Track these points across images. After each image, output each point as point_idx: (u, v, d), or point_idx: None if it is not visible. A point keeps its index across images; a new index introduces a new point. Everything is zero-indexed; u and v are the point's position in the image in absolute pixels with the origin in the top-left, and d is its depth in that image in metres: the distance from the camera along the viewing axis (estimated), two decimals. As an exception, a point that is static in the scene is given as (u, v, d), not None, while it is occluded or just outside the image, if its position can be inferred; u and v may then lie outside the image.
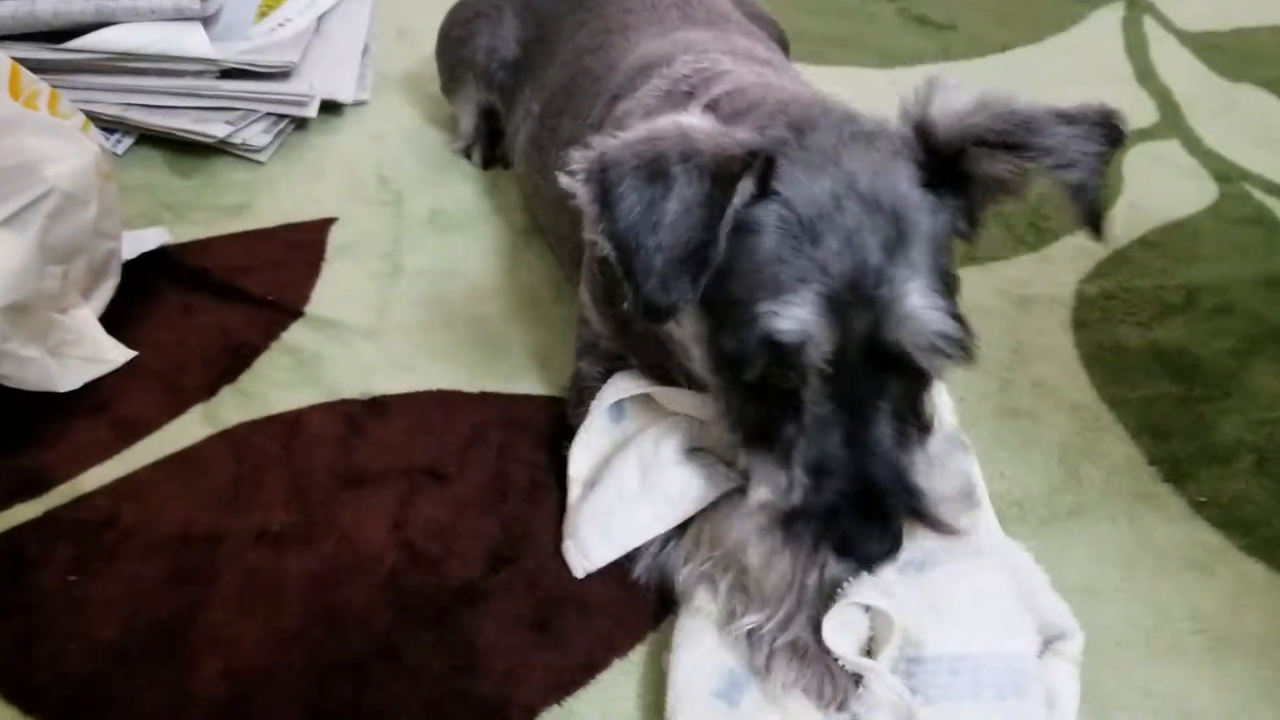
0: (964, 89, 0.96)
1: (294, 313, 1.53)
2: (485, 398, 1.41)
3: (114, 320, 1.47)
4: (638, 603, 1.14)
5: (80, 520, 1.22)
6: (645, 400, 1.19)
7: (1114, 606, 1.15)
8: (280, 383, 1.41)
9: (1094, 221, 0.93)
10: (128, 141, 1.88)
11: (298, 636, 1.11)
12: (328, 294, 1.58)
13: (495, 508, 1.25)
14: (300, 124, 1.95)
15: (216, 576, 1.16)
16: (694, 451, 1.12)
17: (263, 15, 2.02)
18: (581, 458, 1.19)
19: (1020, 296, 1.59)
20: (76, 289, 1.41)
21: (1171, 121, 2.08)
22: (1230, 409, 1.40)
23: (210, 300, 1.55)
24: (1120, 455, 1.33)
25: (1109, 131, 0.92)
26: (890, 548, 0.92)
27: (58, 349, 1.37)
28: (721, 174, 0.87)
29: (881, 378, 0.93)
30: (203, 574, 1.17)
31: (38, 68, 1.79)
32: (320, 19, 2.06)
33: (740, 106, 1.07)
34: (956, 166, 0.95)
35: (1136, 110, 2.09)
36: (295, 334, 1.50)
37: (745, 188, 0.90)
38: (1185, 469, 1.32)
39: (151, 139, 1.89)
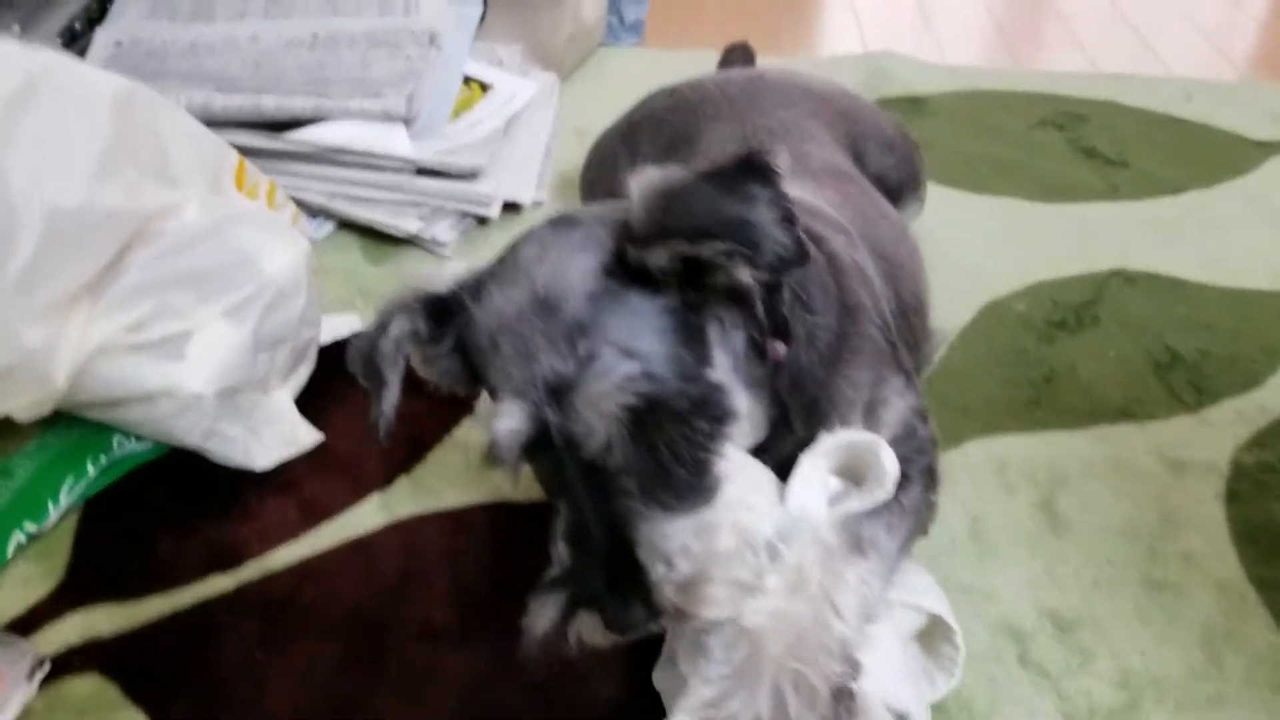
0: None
1: (467, 408, 1.64)
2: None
3: (305, 403, 1.59)
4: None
5: (267, 596, 1.34)
6: None
7: (1249, 804, 1.15)
8: (450, 478, 1.52)
9: None
10: (329, 227, 2.05)
11: (454, 732, 1.19)
12: (498, 393, 1.68)
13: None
14: (482, 220, 2.08)
15: (383, 664, 1.26)
16: None
17: (457, 115, 2.17)
18: None
19: (1174, 460, 1.57)
20: (279, 373, 1.54)
21: (1344, 282, 2.03)
22: (1386, 603, 1.37)
23: (392, 389, 1.67)
24: (1264, 643, 1.31)
25: None
26: (644, 612, 0.95)
27: (256, 428, 1.50)
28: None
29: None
30: (371, 660, 1.26)
31: (257, 153, 1.98)
32: (508, 121, 2.20)
33: None
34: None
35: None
36: (466, 430, 1.60)
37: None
38: (1333, 665, 1.29)
39: (350, 226, 2.05)
